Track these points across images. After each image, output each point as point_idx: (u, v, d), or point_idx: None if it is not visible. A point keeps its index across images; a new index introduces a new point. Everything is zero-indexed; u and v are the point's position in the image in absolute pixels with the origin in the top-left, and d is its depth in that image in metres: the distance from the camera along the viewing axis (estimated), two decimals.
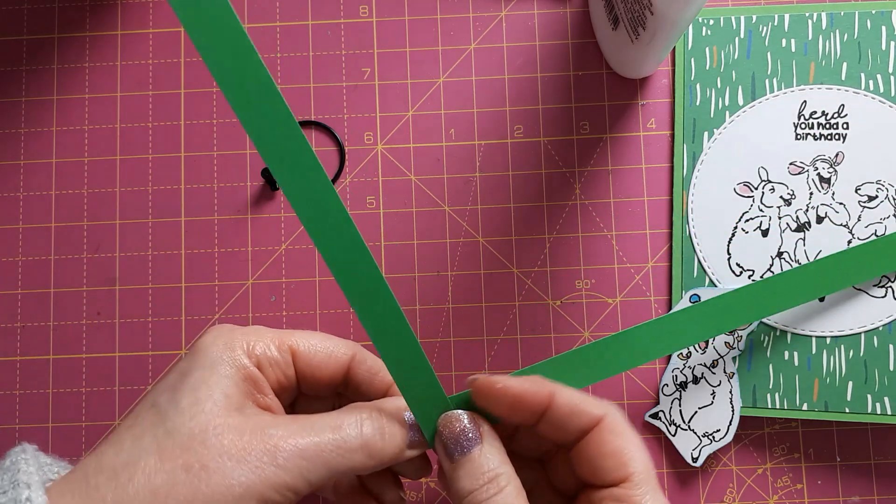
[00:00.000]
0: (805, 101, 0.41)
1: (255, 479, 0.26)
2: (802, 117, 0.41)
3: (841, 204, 0.40)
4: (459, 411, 0.30)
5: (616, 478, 0.28)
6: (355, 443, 0.28)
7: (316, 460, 0.27)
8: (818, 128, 0.41)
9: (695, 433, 0.40)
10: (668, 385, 0.40)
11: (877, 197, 0.40)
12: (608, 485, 0.28)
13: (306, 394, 0.33)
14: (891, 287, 0.40)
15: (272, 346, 0.31)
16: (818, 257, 0.40)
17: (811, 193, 0.40)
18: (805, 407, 0.40)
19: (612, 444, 0.28)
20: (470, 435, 0.29)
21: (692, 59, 0.42)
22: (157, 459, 0.26)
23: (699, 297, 0.40)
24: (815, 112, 0.41)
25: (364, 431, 0.29)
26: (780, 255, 0.40)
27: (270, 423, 0.28)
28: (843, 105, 0.41)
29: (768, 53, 0.41)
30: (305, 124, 0.43)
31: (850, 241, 0.40)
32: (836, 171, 0.40)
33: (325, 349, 0.32)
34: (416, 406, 0.30)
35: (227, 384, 0.29)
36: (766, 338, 0.40)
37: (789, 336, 0.40)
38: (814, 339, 0.40)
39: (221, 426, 0.27)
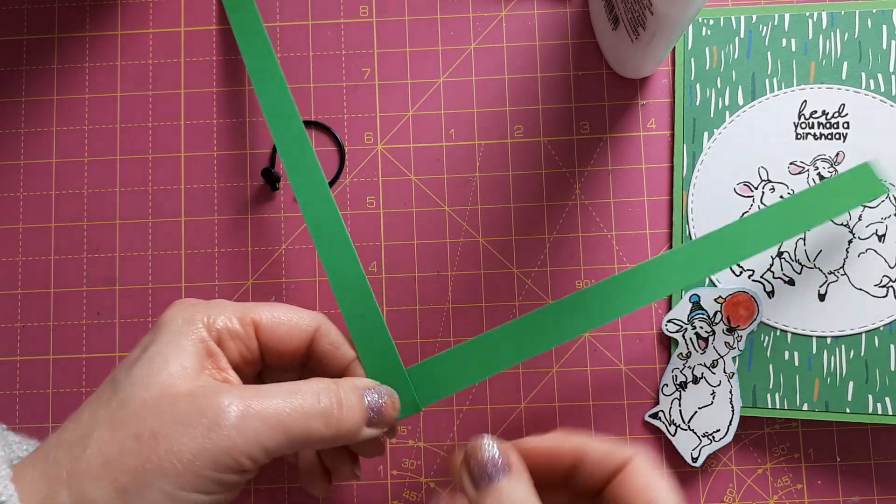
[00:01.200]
0: (805, 101, 0.41)
1: (207, 444, 0.26)
2: (803, 117, 0.41)
3: None
4: (489, 438, 0.29)
5: None
6: (313, 409, 0.28)
7: (272, 423, 0.27)
8: (818, 127, 0.41)
9: (695, 433, 0.40)
10: (668, 385, 0.40)
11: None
12: None
13: (271, 365, 0.33)
14: (891, 287, 0.40)
15: (234, 319, 0.31)
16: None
17: None
18: (805, 407, 0.40)
19: (641, 486, 0.28)
20: (498, 464, 0.28)
21: (692, 59, 0.42)
22: (110, 430, 0.26)
23: (699, 297, 0.40)
24: (816, 112, 0.41)
25: (321, 400, 0.29)
26: (780, 254, 0.40)
27: (225, 388, 0.28)
28: (843, 105, 0.41)
29: (768, 53, 0.41)
30: (306, 124, 0.43)
31: (850, 241, 0.40)
32: (836, 170, 0.40)
33: (288, 320, 0.32)
34: (375, 376, 0.32)
35: (184, 357, 0.29)
36: (766, 338, 0.40)
37: (789, 336, 0.40)
38: (814, 339, 0.40)
39: (175, 395, 0.27)
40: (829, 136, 0.41)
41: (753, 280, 0.40)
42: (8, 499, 0.25)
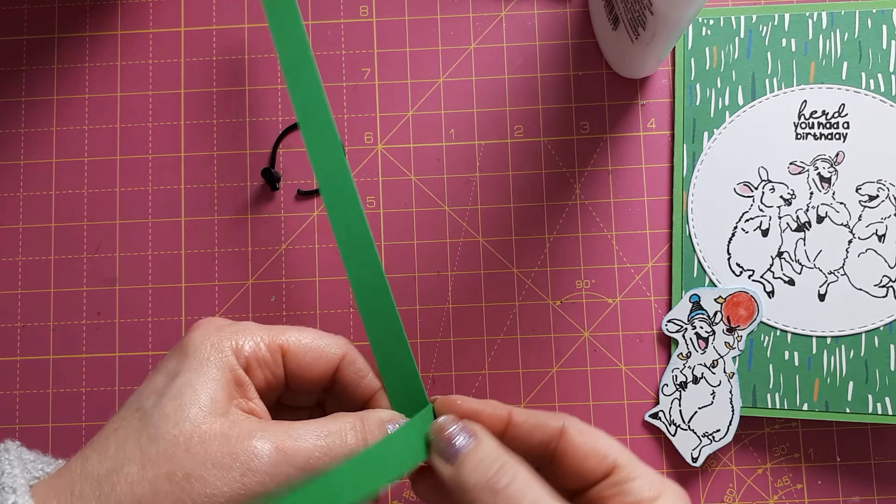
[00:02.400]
0: (805, 101, 0.41)
1: (240, 488, 0.26)
2: (803, 117, 0.41)
3: (841, 203, 0.40)
4: (447, 416, 0.30)
5: (603, 471, 0.29)
6: (340, 451, 0.28)
7: (303, 466, 0.27)
8: (818, 127, 0.41)
9: (695, 433, 0.40)
10: (668, 385, 0.40)
11: (877, 196, 0.40)
12: (599, 480, 0.29)
13: (294, 391, 0.33)
14: (891, 287, 0.40)
15: (262, 346, 0.31)
16: None
17: (811, 193, 0.40)
18: (805, 407, 0.40)
19: (585, 446, 0.29)
20: (464, 435, 0.29)
21: (692, 59, 0.42)
22: (140, 468, 0.26)
23: (699, 297, 0.40)
24: (816, 111, 0.41)
25: (348, 439, 0.29)
26: (780, 254, 0.40)
27: (257, 428, 0.28)
28: (843, 104, 0.41)
29: (768, 53, 0.41)
30: None
31: (850, 241, 0.40)
32: (836, 170, 0.40)
33: (315, 347, 0.32)
34: (401, 409, 0.31)
35: (214, 387, 0.28)
36: (766, 338, 0.40)
37: (789, 336, 0.40)
38: (814, 339, 0.40)
39: (206, 433, 0.27)
40: (829, 136, 0.41)
41: (753, 280, 0.40)
42: None
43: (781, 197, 0.41)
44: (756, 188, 0.41)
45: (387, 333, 0.32)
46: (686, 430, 0.40)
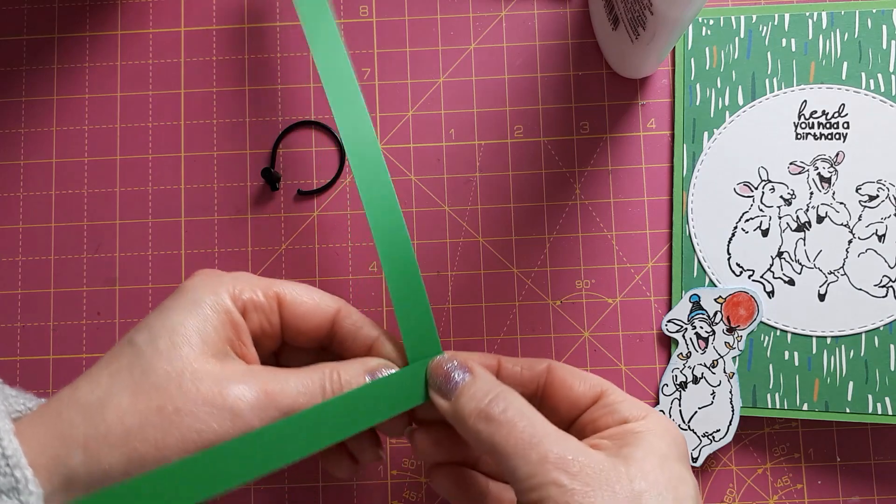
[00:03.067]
0: (805, 101, 0.41)
1: (229, 427, 0.27)
2: (803, 117, 0.41)
3: (841, 203, 0.40)
4: (444, 356, 0.31)
5: (592, 397, 0.32)
6: (318, 396, 0.29)
7: (288, 410, 0.28)
8: (818, 127, 0.41)
9: (695, 433, 0.40)
10: (668, 385, 0.40)
11: (877, 196, 0.40)
12: (588, 406, 0.32)
13: (290, 344, 0.33)
14: (891, 287, 0.40)
15: (259, 292, 0.31)
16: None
17: (811, 193, 0.40)
18: (805, 407, 0.40)
19: (572, 376, 0.33)
20: (461, 370, 0.31)
21: (692, 59, 0.42)
22: (132, 399, 0.27)
23: (699, 297, 0.40)
24: (816, 112, 0.41)
25: (326, 385, 0.29)
26: (780, 255, 0.40)
27: (247, 371, 0.29)
28: (843, 104, 0.41)
29: (768, 53, 0.41)
30: (305, 124, 0.43)
31: (850, 241, 0.40)
32: (836, 170, 0.40)
33: (311, 299, 0.32)
34: (414, 351, 0.32)
35: (207, 328, 0.29)
36: (766, 338, 0.40)
37: (789, 336, 0.40)
38: (814, 339, 0.40)
39: (198, 371, 0.27)
40: (829, 136, 0.41)
41: (753, 280, 0.40)
42: (13, 453, 0.25)
43: (781, 197, 0.41)
44: (756, 188, 0.41)
45: (404, 278, 0.32)
46: (686, 430, 0.40)
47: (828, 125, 0.41)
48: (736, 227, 0.41)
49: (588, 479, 0.27)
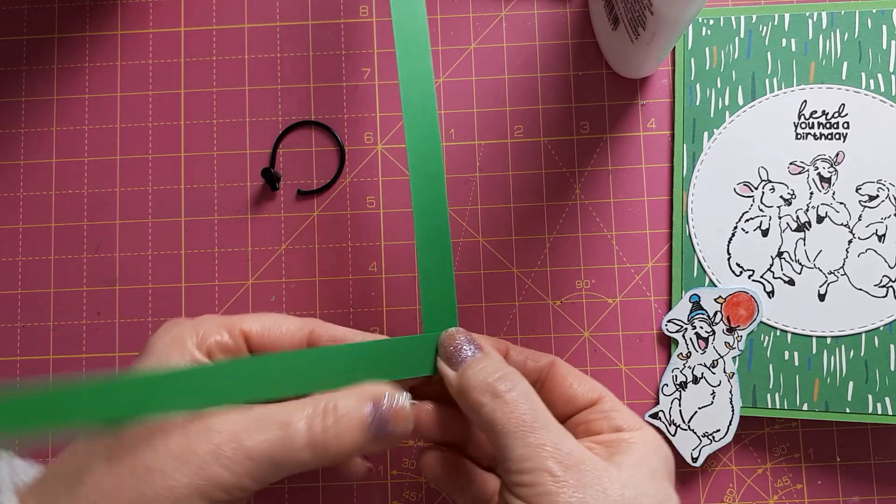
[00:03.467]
0: (805, 101, 0.41)
1: (199, 480, 0.26)
2: (802, 117, 0.41)
3: (841, 203, 0.40)
4: (457, 329, 0.32)
5: (589, 399, 0.33)
6: (302, 441, 0.27)
7: (261, 460, 0.27)
8: (818, 127, 0.41)
9: (695, 433, 0.40)
10: (668, 385, 0.40)
11: (877, 196, 0.40)
12: (585, 407, 0.33)
13: None
14: (891, 287, 0.40)
15: (224, 333, 0.31)
16: None
17: (811, 193, 0.40)
18: (805, 407, 0.40)
19: (573, 374, 0.33)
20: (472, 346, 0.31)
21: (692, 59, 0.42)
22: (107, 464, 0.27)
23: (699, 297, 0.40)
24: (816, 111, 0.41)
25: (314, 430, 0.28)
26: (780, 255, 0.40)
27: (217, 420, 0.28)
28: (843, 104, 0.41)
29: (768, 53, 0.41)
30: (305, 124, 0.43)
31: (850, 241, 0.40)
32: (836, 170, 0.40)
33: (278, 330, 0.32)
34: (431, 322, 0.32)
35: None
36: (766, 338, 0.40)
37: (789, 336, 0.40)
38: (814, 339, 0.40)
39: (167, 426, 0.28)
40: (829, 136, 0.41)
41: (753, 280, 0.40)
42: None
43: (781, 197, 0.41)
44: (756, 188, 0.41)
45: (435, 248, 0.33)
46: (686, 430, 0.40)
47: (828, 125, 0.41)
48: (736, 227, 0.41)
49: (581, 475, 0.27)
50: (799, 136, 0.41)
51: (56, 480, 0.28)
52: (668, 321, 0.41)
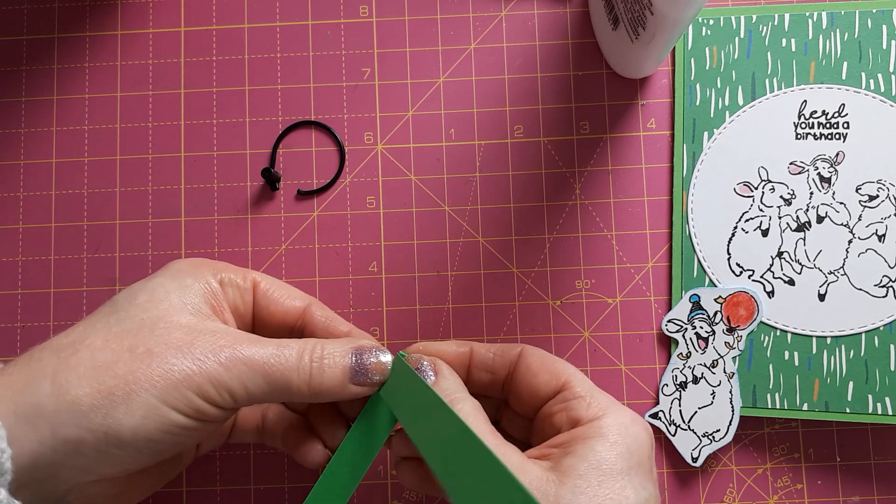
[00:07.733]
0: (805, 101, 0.41)
1: (196, 370, 0.27)
2: (802, 117, 0.41)
3: (841, 203, 0.40)
4: (417, 354, 0.34)
5: (554, 388, 0.32)
6: (293, 363, 0.30)
7: (256, 369, 0.29)
8: (818, 127, 0.41)
9: (695, 433, 0.40)
10: (668, 385, 0.40)
11: (877, 196, 0.40)
12: (551, 396, 0.32)
13: (259, 333, 0.34)
14: (891, 287, 0.40)
15: (239, 274, 0.34)
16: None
17: (811, 193, 0.40)
18: (805, 407, 0.40)
19: (537, 364, 0.33)
20: (428, 369, 0.33)
21: (692, 59, 0.42)
22: (104, 340, 0.28)
23: (699, 297, 0.40)
24: (816, 111, 0.41)
25: (304, 358, 0.30)
26: (780, 254, 0.40)
27: (221, 328, 0.30)
28: (843, 104, 0.41)
29: (768, 53, 0.41)
30: (305, 124, 0.43)
31: (850, 241, 0.40)
32: (836, 170, 0.40)
33: (284, 289, 0.35)
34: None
35: (188, 293, 0.31)
36: (766, 338, 0.40)
37: (789, 336, 0.40)
38: (814, 339, 0.40)
39: (173, 322, 0.29)
40: (829, 136, 0.41)
41: (753, 280, 0.40)
42: None
43: (781, 197, 0.41)
44: (756, 188, 0.41)
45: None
46: (686, 430, 0.40)
47: (828, 125, 0.41)
48: (736, 227, 0.41)
49: None
50: (799, 136, 0.41)
51: (46, 350, 0.28)
52: (668, 321, 0.41)
